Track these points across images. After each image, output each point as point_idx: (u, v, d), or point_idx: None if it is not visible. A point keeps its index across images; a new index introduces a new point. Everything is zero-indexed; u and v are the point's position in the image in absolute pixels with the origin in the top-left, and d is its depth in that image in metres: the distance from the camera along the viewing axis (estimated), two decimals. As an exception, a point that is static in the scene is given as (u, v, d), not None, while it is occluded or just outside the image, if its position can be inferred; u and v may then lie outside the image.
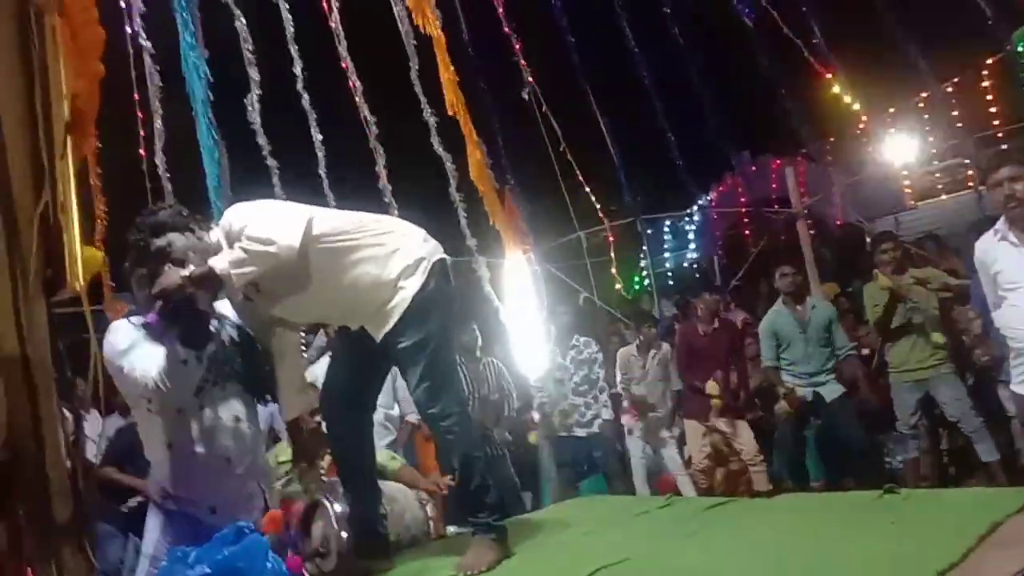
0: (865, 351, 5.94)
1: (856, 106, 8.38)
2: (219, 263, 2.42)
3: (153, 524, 2.61)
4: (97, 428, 4.65)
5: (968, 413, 4.94)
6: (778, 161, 10.90)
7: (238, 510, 2.57)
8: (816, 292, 6.55)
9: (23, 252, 1.27)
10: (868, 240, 10.32)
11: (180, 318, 2.52)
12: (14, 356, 1.22)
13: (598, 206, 8.18)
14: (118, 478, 4.46)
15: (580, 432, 5.95)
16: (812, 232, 9.34)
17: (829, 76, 7.25)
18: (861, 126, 10.03)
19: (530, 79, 6.90)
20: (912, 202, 10.96)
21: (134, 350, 2.44)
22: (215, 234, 2.54)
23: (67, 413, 1.31)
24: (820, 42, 7.44)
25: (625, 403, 6.19)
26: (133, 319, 2.55)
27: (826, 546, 2.14)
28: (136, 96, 5.75)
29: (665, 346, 6.39)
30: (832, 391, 5.41)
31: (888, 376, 5.34)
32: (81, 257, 1.31)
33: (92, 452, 2.49)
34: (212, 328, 2.66)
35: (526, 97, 6.93)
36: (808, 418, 5.56)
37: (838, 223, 11.00)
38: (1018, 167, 3.16)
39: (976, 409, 4.95)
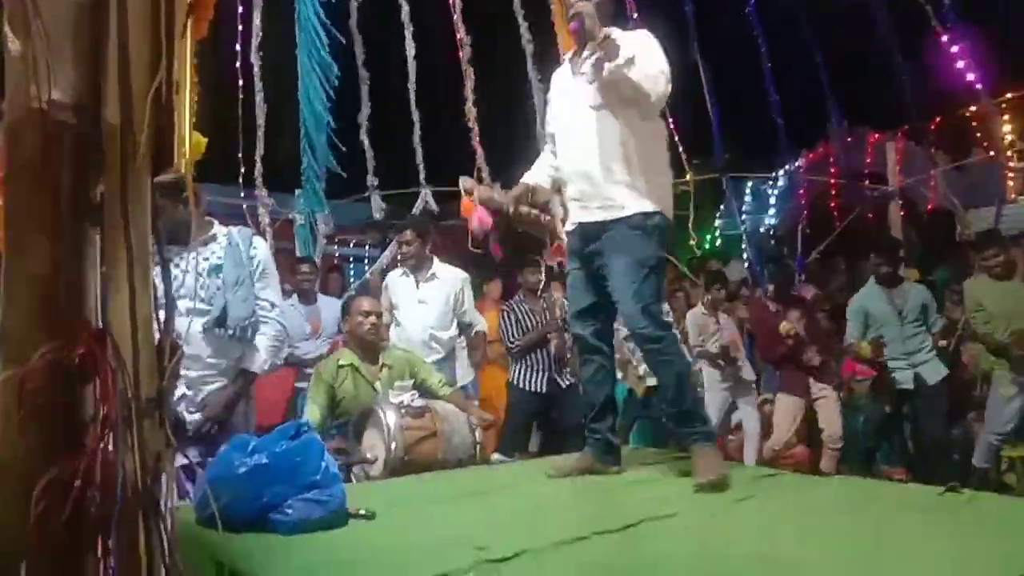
0: (942, 343, 5.68)
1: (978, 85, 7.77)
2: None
3: None
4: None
5: None
6: (877, 135, 10.36)
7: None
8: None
9: (135, 129, 1.27)
10: (959, 229, 9.85)
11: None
12: (116, 227, 1.23)
13: (684, 157, 7.85)
14: None
15: (651, 382, 5.78)
16: (902, 214, 8.96)
17: (954, 50, 6.73)
18: (973, 108, 9.42)
19: (635, 14, 6.61)
20: (1014, 195, 10.34)
21: None
22: None
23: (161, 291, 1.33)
24: (950, 12, 6.89)
25: (704, 362, 5.99)
26: None
27: (886, 536, 2.07)
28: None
29: (737, 306, 6.25)
30: (935, 372, 5.15)
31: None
32: (189, 141, 1.31)
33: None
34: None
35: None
36: (903, 408, 5.32)
37: (929, 208, 10.49)
38: None
39: None
